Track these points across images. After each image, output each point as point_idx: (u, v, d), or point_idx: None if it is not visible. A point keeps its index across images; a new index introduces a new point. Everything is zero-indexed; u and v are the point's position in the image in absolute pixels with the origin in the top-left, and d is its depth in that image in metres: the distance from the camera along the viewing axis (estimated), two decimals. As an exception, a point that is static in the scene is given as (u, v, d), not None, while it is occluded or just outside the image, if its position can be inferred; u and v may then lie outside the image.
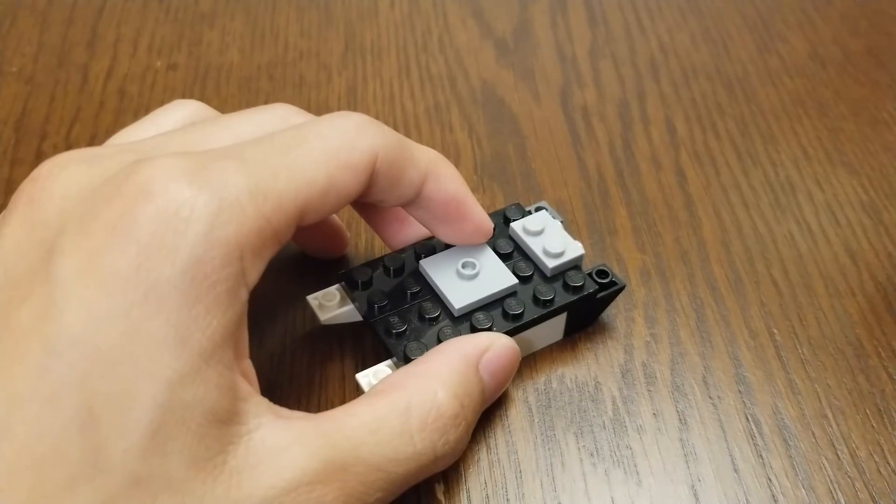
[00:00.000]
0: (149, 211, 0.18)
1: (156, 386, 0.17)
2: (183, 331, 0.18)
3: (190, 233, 0.18)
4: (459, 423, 0.22)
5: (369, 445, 0.20)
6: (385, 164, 0.22)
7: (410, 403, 0.21)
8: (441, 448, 0.21)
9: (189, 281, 0.18)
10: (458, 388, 0.22)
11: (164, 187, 0.19)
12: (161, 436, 0.17)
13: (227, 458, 0.18)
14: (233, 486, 0.18)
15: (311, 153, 0.21)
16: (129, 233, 0.18)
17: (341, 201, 0.22)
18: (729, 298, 0.29)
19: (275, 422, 0.20)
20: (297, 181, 0.20)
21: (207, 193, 0.19)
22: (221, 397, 0.18)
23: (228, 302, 0.19)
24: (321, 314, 0.26)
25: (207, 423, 0.18)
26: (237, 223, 0.19)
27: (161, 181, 0.19)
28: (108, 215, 0.18)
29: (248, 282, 0.19)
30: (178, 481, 0.18)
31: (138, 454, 0.17)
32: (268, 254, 0.20)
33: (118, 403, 0.17)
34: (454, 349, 0.23)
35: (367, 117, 0.23)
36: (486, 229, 0.26)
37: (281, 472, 0.19)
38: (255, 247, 0.19)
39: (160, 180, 0.19)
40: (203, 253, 0.18)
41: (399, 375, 0.23)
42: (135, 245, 0.18)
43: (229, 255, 0.19)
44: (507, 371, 0.25)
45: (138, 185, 0.19)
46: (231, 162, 0.20)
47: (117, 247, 0.18)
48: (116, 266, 0.18)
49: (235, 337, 0.19)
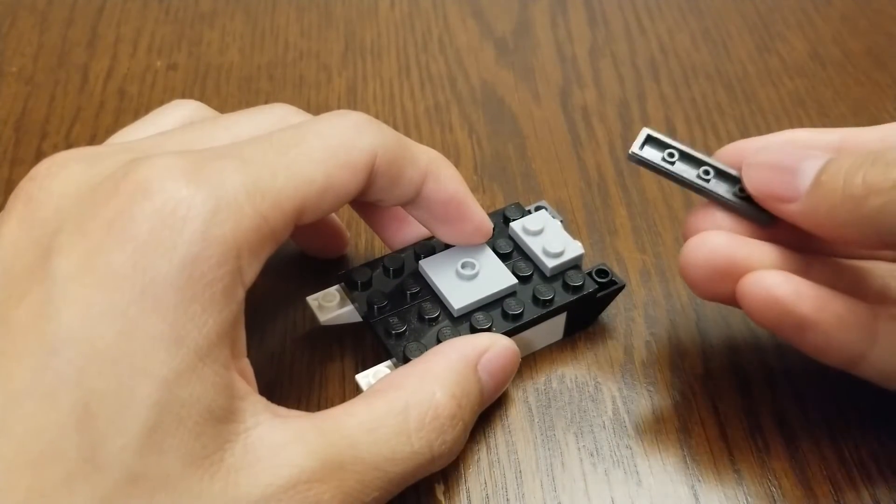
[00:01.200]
0: (146, 209, 0.18)
1: (152, 384, 0.17)
2: (179, 329, 0.18)
3: (187, 231, 0.18)
4: (457, 424, 0.22)
5: (367, 445, 0.20)
6: (384, 163, 0.22)
7: (408, 403, 0.21)
8: (438, 448, 0.21)
9: (186, 279, 0.18)
10: (456, 389, 0.22)
11: (161, 186, 0.19)
12: (158, 433, 0.17)
13: (224, 455, 0.18)
14: (230, 484, 0.18)
15: (309, 152, 0.21)
16: (127, 231, 0.18)
17: (340, 200, 0.22)
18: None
19: (272, 420, 0.20)
20: (296, 180, 0.20)
21: (205, 192, 0.19)
22: (218, 395, 0.18)
23: (225, 301, 0.19)
24: (321, 315, 0.26)
25: (204, 420, 0.18)
26: (234, 222, 0.19)
27: (159, 179, 0.19)
28: (106, 214, 0.18)
29: (244, 281, 0.19)
30: (175, 479, 0.18)
31: (135, 452, 0.17)
32: (265, 253, 0.20)
33: (115, 401, 0.17)
34: (453, 350, 0.23)
35: (367, 116, 0.23)
36: (485, 229, 0.26)
37: (278, 471, 0.19)
38: (253, 246, 0.19)
39: (158, 179, 0.19)
40: (200, 251, 0.18)
41: (397, 375, 0.23)
42: (132, 243, 0.18)
43: (226, 253, 0.19)
44: (507, 372, 0.25)
45: (136, 184, 0.19)
46: (229, 161, 0.20)
47: (114, 245, 0.18)
48: (113, 264, 0.18)
49: (232, 336, 0.19)
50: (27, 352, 0.18)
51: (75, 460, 0.17)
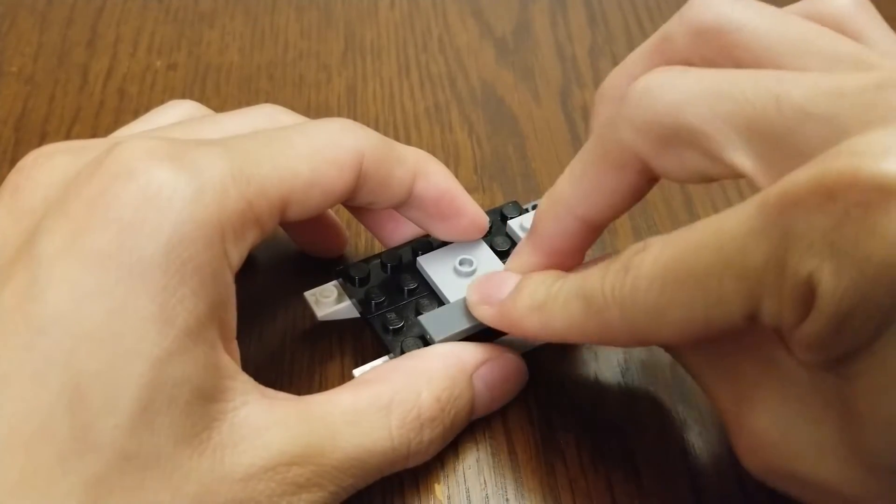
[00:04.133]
0: (130, 189, 0.18)
1: (143, 363, 0.17)
2: (169, 310, 0.18)
3: (172, 212, 0.18)
4: (436, 427, 0.22)
5: (348, 435, 0.20)
6: (372, 164, 0.22)
7: (393, 400, 0.21)
8: (415, 446, 0.22)
9: (173, 260, 0.18)
10: (444, 393, 0.22)
11: (145, 166, 0.18)
12: (149, 412, 0.18)
13: (211, 434, 0.19)
14: (217, 461, 0.18)
15: (294, 147, 0.21)
16: (111, 211, 0.18)
17: (327, 198, 0.22)
18: (729, 298, 0.29)
19: (260, 401, 0.20)
20: (280, 170, 0.20)
21: (188, 174, 0.19)
22: (207, 375, 0.19)
23: (213, 282, 0.19)
24: (318, 310, 0.26)
25: (194, 399, 0.18)
26: (219, 204, 0.19)
27: (142, 160, 0.19)
28: (88, 193, 0.18)
29: (231, 264, 0.19)
30: (166, 457, 0.18)
31: (127, 431, 0.17)
32: (250, 238, 0.20)
33: (105, 381, 0.17)
34: (452, 352, 0.23)
35: (351, 121, 0.23)
36: (481, 223, 0.26)
37: (261, 451, 0.19)
38: (237, 229, 0.19)
39: (141, 159, 0.19)
40: (187, 233, 0.18)
41: (389, 368, 0.23)
42: (116, 223, 0.18)
43: (212, 235, 0.19)
44: (508, 385, 0.25)
45: (119, 164, 0.19)
46: (214, 147, 0.20)
47: (98, 225, 0.18)
48: (98, 244, 0.18)
49: (222, 317, 0.19)
50: (14, 332, 0.17)
51: (67, 440, 0.17)
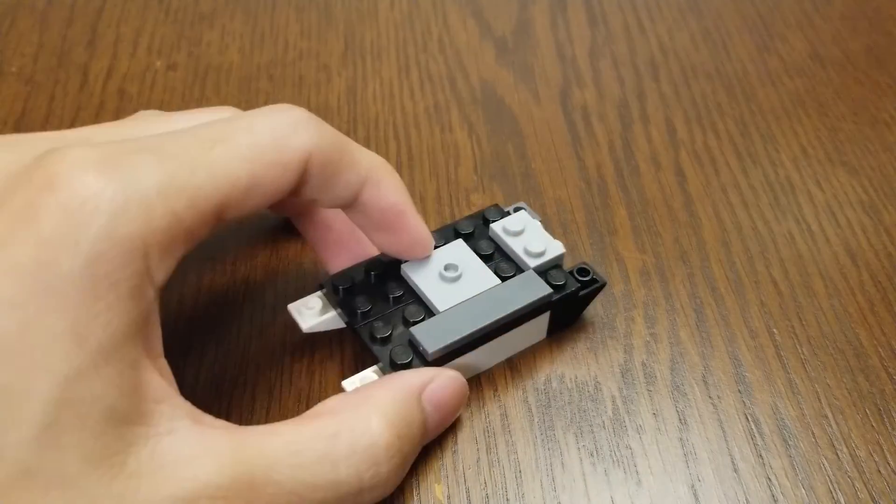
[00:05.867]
0: (51, 203, 0.18)
1: (51, 379, 0.17)
2: (81, 327, 0.18)
3: (93, 227, 0.18)
4: (393, 455, 0.21)
5: (286, 468, 0.20)
6: (319, 164, 0.22)
7: (340, 429, 0.21)
8: (369, 479, 0.21)
9: (90, 277, 0.18)
10: (396, 418, 0.22)
11: (70, 179, 0.18)
12: (55, 430, 0.17)
13: (127, 459, 0.18)
14: (130, 489, 0.18)
15: (236, 149, 0.20)
16: (32, 224, 0.18)
17: (268, 198, 0.21)
18: (729, 298, 0.29)
19: (190, 428, 0.19)
20: (217, 179, 0.20)
21: (115, 187, 0.18)
22: (122, 396, 0.18)
23: (132, 300, 0.18)
24: (302, 322, 0.25)
25: (106, 420, 0.18)
26: (143, 220, 0.18)
27: (68, 172, 0.18)
28: (13, 205, 0.18)
29: (154, 280, 0.19)
30: (71, 477, 0.17)
31: (30, 446, 0.17)
32: (178, 252, 0.19)
33: (10, 394, 0.17)
34: (397, 379, 0.23)
35: (308, 114, 0.22)
36: (424, 243, 0.25)
37: (182, 482, 0.18)
38: (163, 245, 0.19)
39: (67, 171, 0.18)
40: (105, 249, 0.18)
41: (336, 401, 0.22)
42: (36, 237, 0.18)
43: (133, 252, 0.18)
44: (454, 404, 0.24)
45: (46, 176, 0.18)
46: (147, 155, 0.19)
47: (19, 238, 0.18)
48: (16, 257, 0.18)
49: (144, 335, 0.19)
50: None
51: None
